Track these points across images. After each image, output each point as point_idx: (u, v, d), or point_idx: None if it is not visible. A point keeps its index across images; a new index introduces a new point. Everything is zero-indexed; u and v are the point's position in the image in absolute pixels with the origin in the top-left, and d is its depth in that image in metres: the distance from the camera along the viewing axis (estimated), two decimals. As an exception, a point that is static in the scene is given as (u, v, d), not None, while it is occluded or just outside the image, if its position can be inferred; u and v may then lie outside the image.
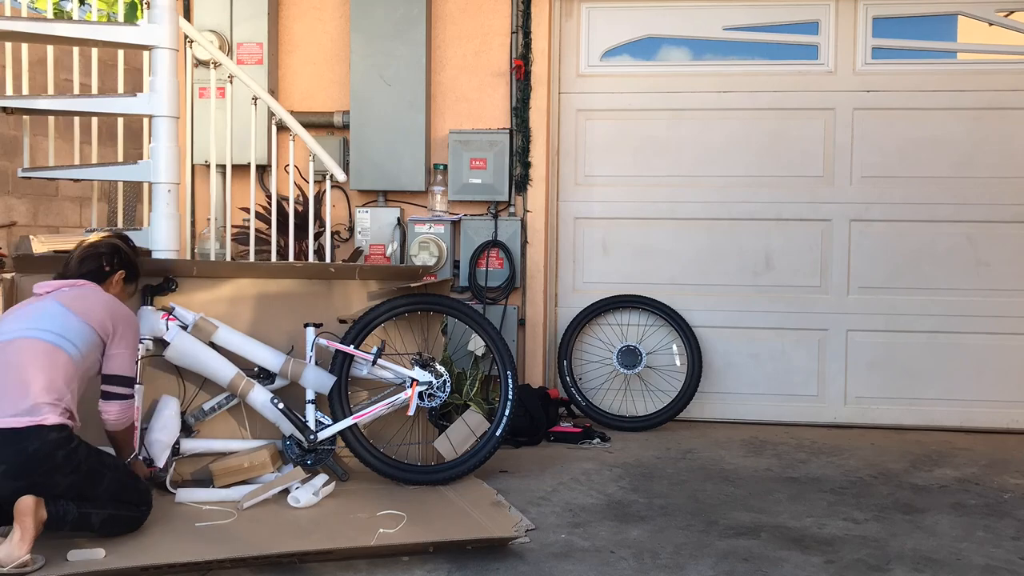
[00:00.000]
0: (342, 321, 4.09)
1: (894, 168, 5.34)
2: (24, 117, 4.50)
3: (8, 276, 3.74)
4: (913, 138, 5.32)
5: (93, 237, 3.54)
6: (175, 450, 3.73)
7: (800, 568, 3.09)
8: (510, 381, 4.06)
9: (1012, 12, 5.26)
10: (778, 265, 5.43)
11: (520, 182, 5.41)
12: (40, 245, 4.89)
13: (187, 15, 5.39)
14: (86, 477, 3.01)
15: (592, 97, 5.53)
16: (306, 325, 3.96)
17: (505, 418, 4.02)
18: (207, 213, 5.01)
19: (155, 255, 4.11)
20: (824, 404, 5.41)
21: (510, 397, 4.04)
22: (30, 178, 4.81)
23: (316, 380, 3.88)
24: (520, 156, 5.39)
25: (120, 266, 3.44)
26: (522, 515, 3.54)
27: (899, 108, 5.32)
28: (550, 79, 5.45)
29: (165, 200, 4.15)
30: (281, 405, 3.81)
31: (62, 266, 3.41)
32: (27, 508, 2.84)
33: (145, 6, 4.11)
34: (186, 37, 4.43)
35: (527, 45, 5.38)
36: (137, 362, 3.43)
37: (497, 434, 4.01)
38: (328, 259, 4.80)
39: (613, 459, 4.55)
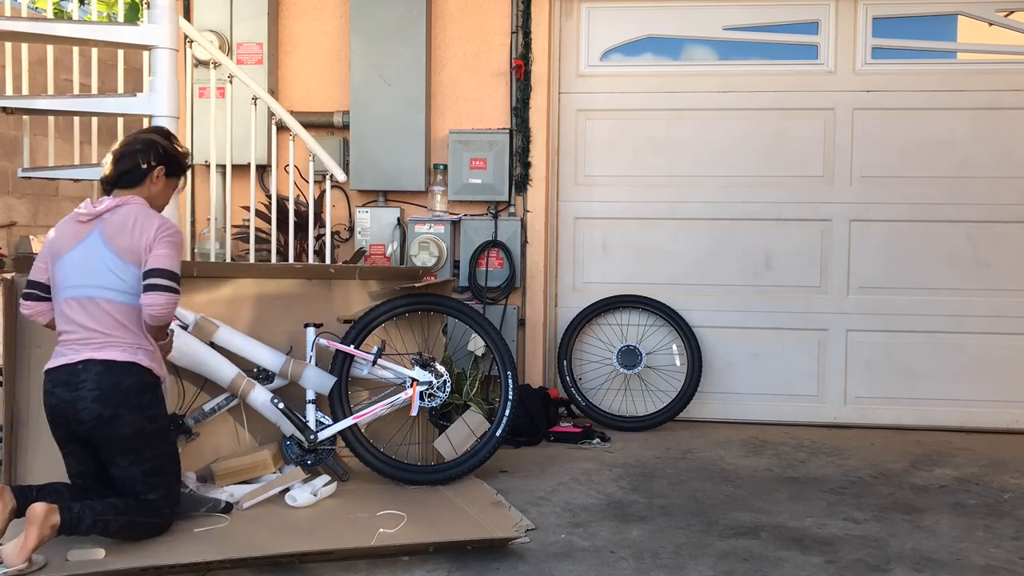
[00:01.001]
0: (346, 321, 4.09)
1: (894, 168, 5.34)
2: (24, 117, 4.50)
3: (8, 276, 3.73)
4: (913, 138, 5.32)
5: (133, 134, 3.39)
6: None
7: (800, 568, 3.09)
8: (510, 381, 4.06)
9: (1012, 12, 5.26)
10: (778, 265, 5.43)
11: (520, 182, 5.40)
12: (40, 245, 4.89)
13: (187, 15, 5.39)
14: (153, 434, 3.14)
15: (592, 97, 5.53)
16: (306, 325, 3.97)
17: (505, 418, 4.02)
18: (207, 213, 5.00)
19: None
20: (824, 404, 5.41)
21: (510, 397, 4.04)
22: (30, 178, 4.82)
23: (316, 380, 3.88)
24: (520, 156, 5.39)
25: (159, 161, 3.28)
26: (522, 515, 3.54)
27: (899, 108, 5.32)
28: (550, 79, 5.45)
29: (165, 200, 4.14)
30: (281, 405, 3.81)
31: (104, 172, 3.25)
32: (36, 517, 2.83)
33: (145, 6, 4.11)
34: (186, 37, 4.43)
35: (527, 45, 5.38)
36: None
37: (497, 434, 4.01)
38: (328, 259, 4.80)
39: (613, 459, 4.55)
